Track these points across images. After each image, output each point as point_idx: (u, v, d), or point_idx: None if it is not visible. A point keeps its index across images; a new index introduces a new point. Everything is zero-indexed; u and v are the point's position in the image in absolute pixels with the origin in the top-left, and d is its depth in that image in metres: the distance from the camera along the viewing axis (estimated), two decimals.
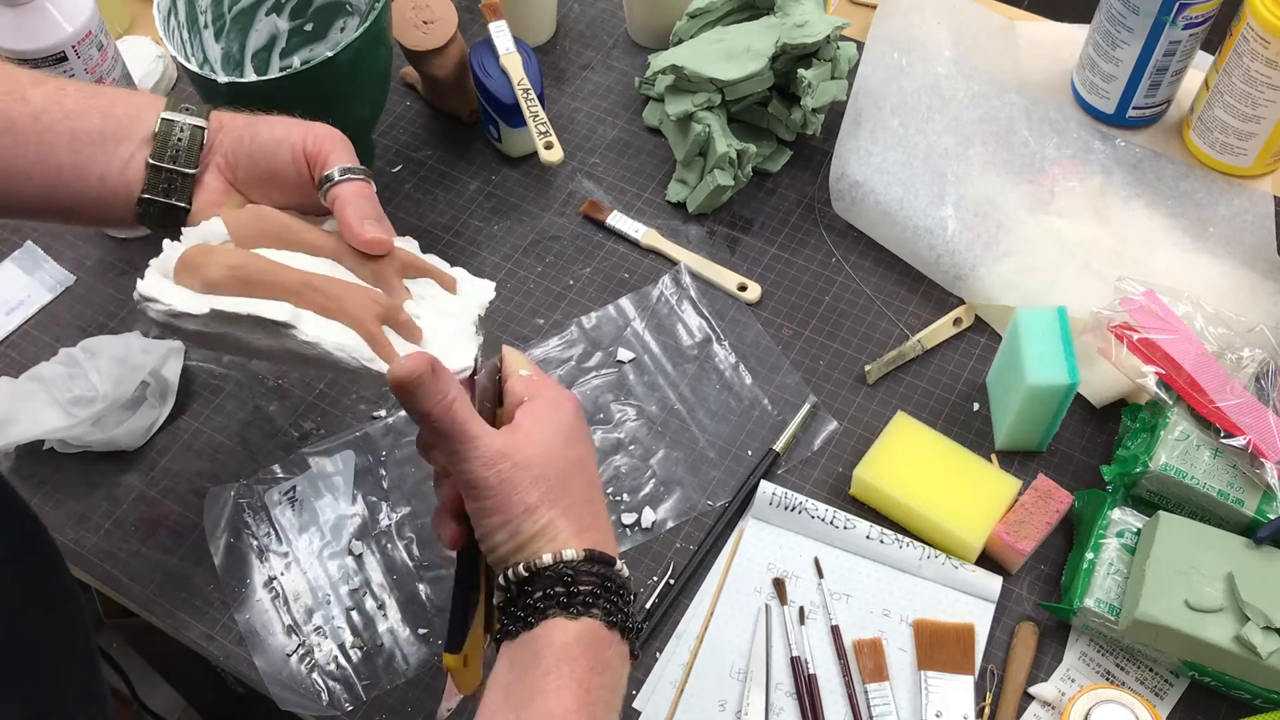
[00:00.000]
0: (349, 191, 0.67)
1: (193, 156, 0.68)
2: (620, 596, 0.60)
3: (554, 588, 0.58)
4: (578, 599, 0.58)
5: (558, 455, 0.61)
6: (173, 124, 0.68)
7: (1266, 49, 0.90)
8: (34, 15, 0.83)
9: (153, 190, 0.68)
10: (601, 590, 0.59)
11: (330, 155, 0.68)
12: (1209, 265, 0.94)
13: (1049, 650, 0.79)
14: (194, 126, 0.68)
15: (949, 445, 0.84)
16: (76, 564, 0.85)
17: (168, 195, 0.68)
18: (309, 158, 0.68)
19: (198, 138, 0.68)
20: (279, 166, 0.68)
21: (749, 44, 0.97)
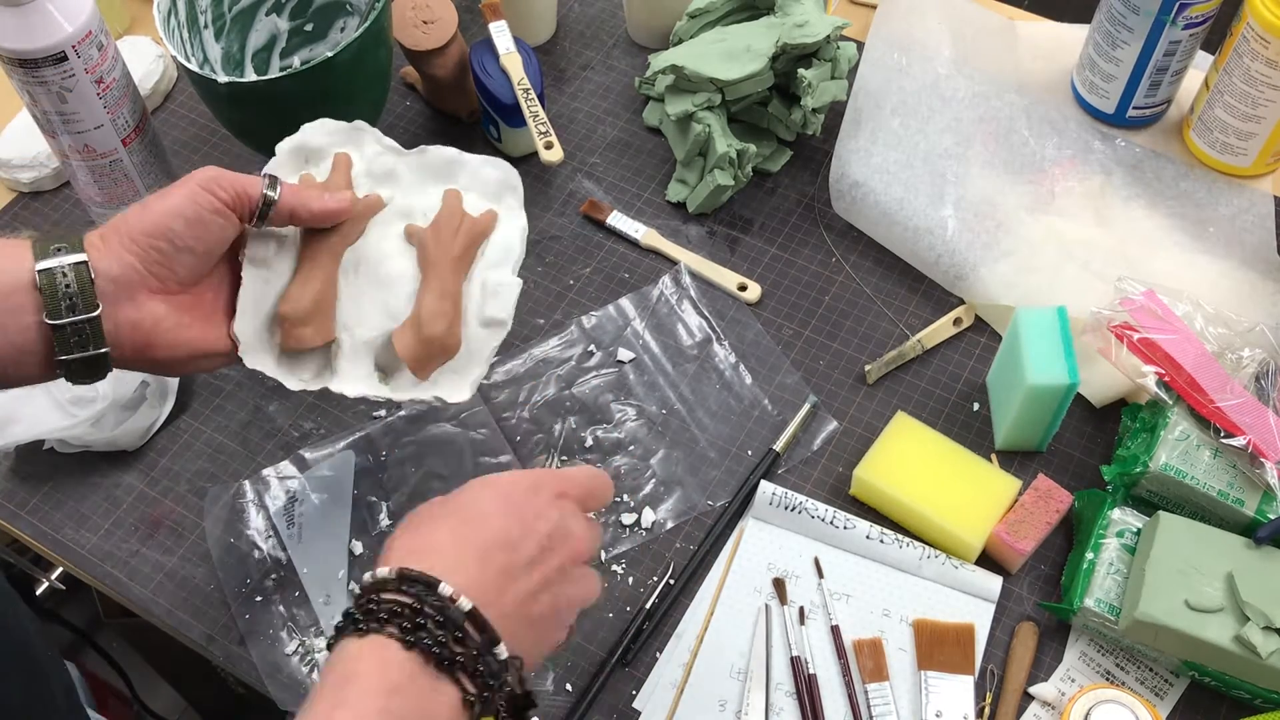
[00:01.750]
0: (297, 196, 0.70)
1: (89, 297, 0.62)
2: (437, 623, 0.52)
3: (355, 607, 0.54)
4: (371, 616, 0.52)
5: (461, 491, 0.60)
6: (51, 272, 0.62)
7: (1266, 49, 0.90)
8: (34, 15, 0.83)
9: (65, 349, 0.62)
10: (408, 609, 0.52)
11: (246, 187, 0.67)
12: (1209, 265, 0.94)
13: (1049, 650, 0.79)
14: (75, 264, 0.62)
15: (949, 445, 0.84)
16: (76, 564, 0.85)
17: (83, 347, 0.63)
18: (231, 205, 0.66)
19: (84, 275, 0.62)
20: (214, 232, 0.66)
21: (749, 44, 0.98)
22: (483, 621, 0.54)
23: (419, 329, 0.71)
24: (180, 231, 0.65)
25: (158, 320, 0.65)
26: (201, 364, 0.70)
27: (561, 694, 0.78)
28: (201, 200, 0.65)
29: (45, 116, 0.89)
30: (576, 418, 0.90)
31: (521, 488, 0.60)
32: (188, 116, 1.09)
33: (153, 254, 0.65)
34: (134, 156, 0.94)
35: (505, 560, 0.57)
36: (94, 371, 0.64)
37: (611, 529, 0.84)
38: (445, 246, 0.74)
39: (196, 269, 0.68)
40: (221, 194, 0.66)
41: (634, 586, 0.82)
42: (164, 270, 0.65)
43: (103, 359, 0.64)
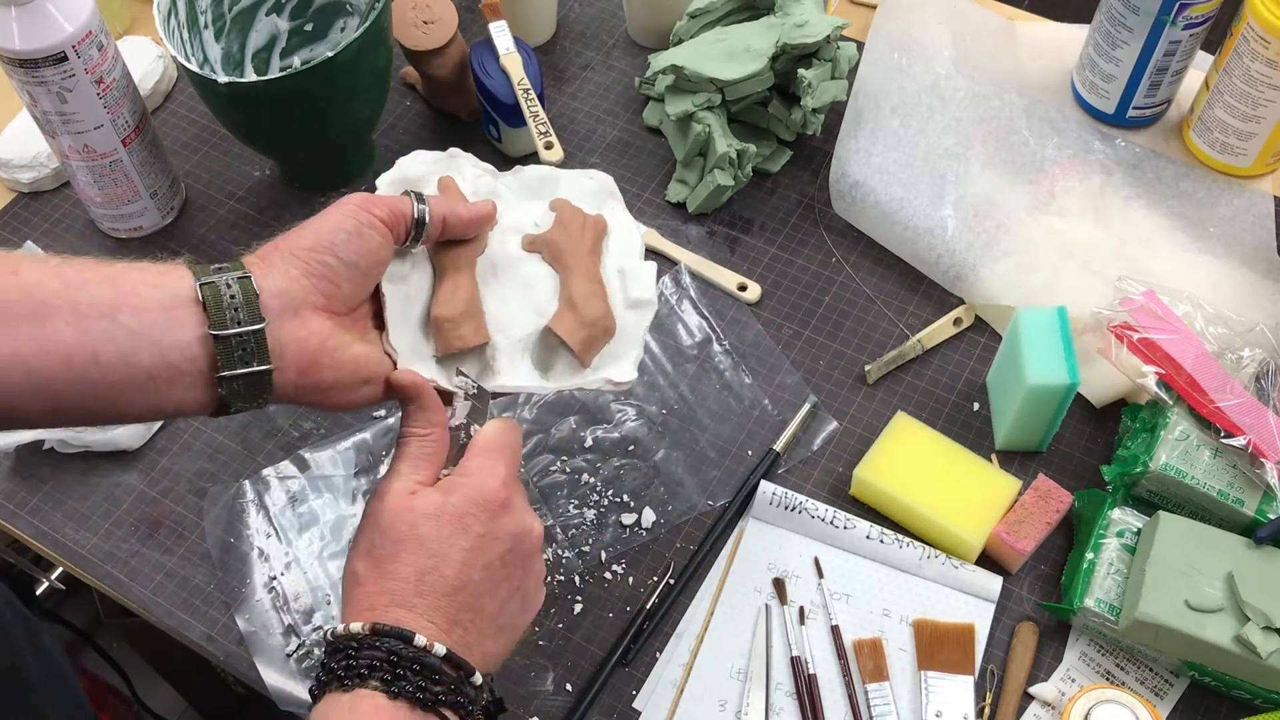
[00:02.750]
0: (444, 206, 0.68)
1: (254, 309, 0.59)
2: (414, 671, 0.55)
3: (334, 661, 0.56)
4: (352, 672, 0.55)
5: (406, 523, 0.59)
6: (214, 284, 0.59)
7: (1266, 49, 0.90)
8: (34, 15, 0.83)
9: (229, 363, 0.58)
10: (385, 663, 0.55)
11: (401, 206, 0.66)
12: (1209, 265, 0.94)
13: (1049, 650, 0.79)
14: (239, 278, 0.59)
15: (949, 445, 0.84)
16: (77, 564, 0.85)
17: (247, 363, 0.59)
18: (389, 224, 0.65)
19: (249, 288, 0.59)
20: (374, 249, 0.64)
21: (749, 44, 0.98)
22: (458, 659, 0.57)
23: (578, 313, 0.71)
24: (344, 245, 0.62)
25: (324, 337, 0.62)
26: (365, 391, 0.65)
27: (561, 694, 0.78)
28: (361, 217, 0.64)
29: (45, 116, 0.89)
30: (576, 418, 0.90)
31: (474, 516, 0.60)
32: (188, 116, 1.09)
33: (318, 268, 0.62)
34: (134, 156, 0.94)
35: (468, 597, 0.59)
36: (255, 393, 0.60)
37: (611, 529, 0.85)
38: (576, 240, 0.73)
39: (360, 288, 0.65)
40: (378, 211, 0.65)
41: (634, 586, 0.82)
42: (330, 286, 0.62)
43: (266, 378, 0.60)
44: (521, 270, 0.73)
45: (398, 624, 0.56)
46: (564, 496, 0.86)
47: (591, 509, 0.85)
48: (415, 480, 0.62)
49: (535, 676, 0.79)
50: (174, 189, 1.01)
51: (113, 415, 0.58)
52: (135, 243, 1.01)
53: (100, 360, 0.56)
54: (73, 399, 0.57)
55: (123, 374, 0.57)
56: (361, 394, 0.65)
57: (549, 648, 0.80)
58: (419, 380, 0.64)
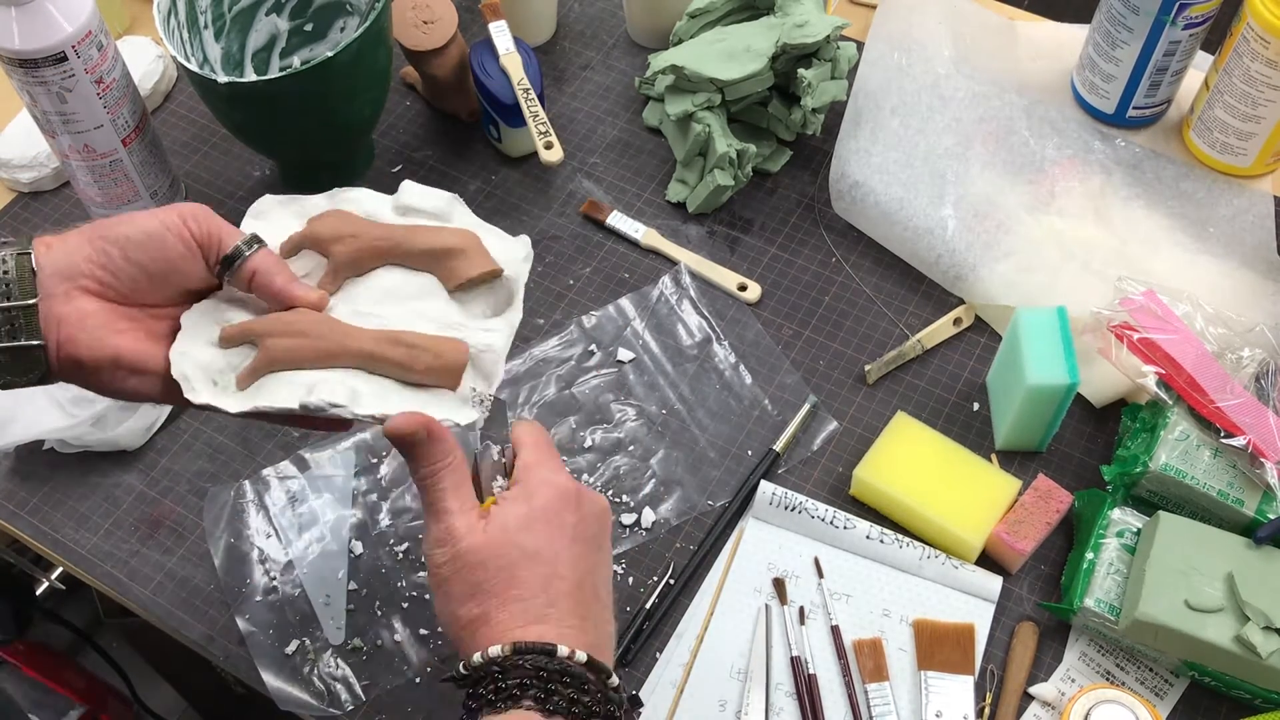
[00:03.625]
0: (268, 261, 0.66)
1: (26, 286, 0.60)
2: (565, 684, 0.56)
3: (482, 687, 0.56)
4: (504, 694, 0.55)
5: (506, 545, 0.59)
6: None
7: (1266, 49, 0.90)
8: (34, 15, 0.83)
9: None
10: (535, 680, 0.55)
11: (222, 232, 0.65)
12: (1209, 265, 0.94)
13: (1049, 650, 0.79)
14: (17, 254, 0.61)
15: (949, 445, 0.84)
16: (76, 564, 0.85)
17: (13, 337, 0.60)
18: (199, 241, 0.65)
19: (25, 264, 0.60)
20: (172, 257, 0.64)
21: (749, 44, 0.98)
22: (598, 664, 0.57)
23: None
24: (135, 241, 0.63)
25: (85, 315, 0.62)
26: (129, 381, 0.65)
27: None
28: (170, 223, 0.64)
29: (45, 116, 0.89)
30: (576, 418, 0.90)
31: (561, 509, 0.61)
32: (188, 116, 1.09)
33: (100, 255, 0.63)
34: (134, 156, 0.94)
35: (589, 588, 0.61)
36: (27, 368, 0.62)
37: (611, 529, 0.84)
38: None
39: (142, 288, 0.65)
40: (192, 225, 0.64)
41: (634, 586, 0.82)
42: (105, 274, 0.63)
43: (35, 354, 0.61)
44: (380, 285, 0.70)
45: (539, 639, 0.57)
46: None
47: None
48: (472, 511, 0.61)
49: None
50: (174, 189, 1.01)
51: None
52: None
53: None
54: None
55: None
56: (129, 384, 0.65)
57: None
58: (419, 419, 0.62)
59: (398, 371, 0.66)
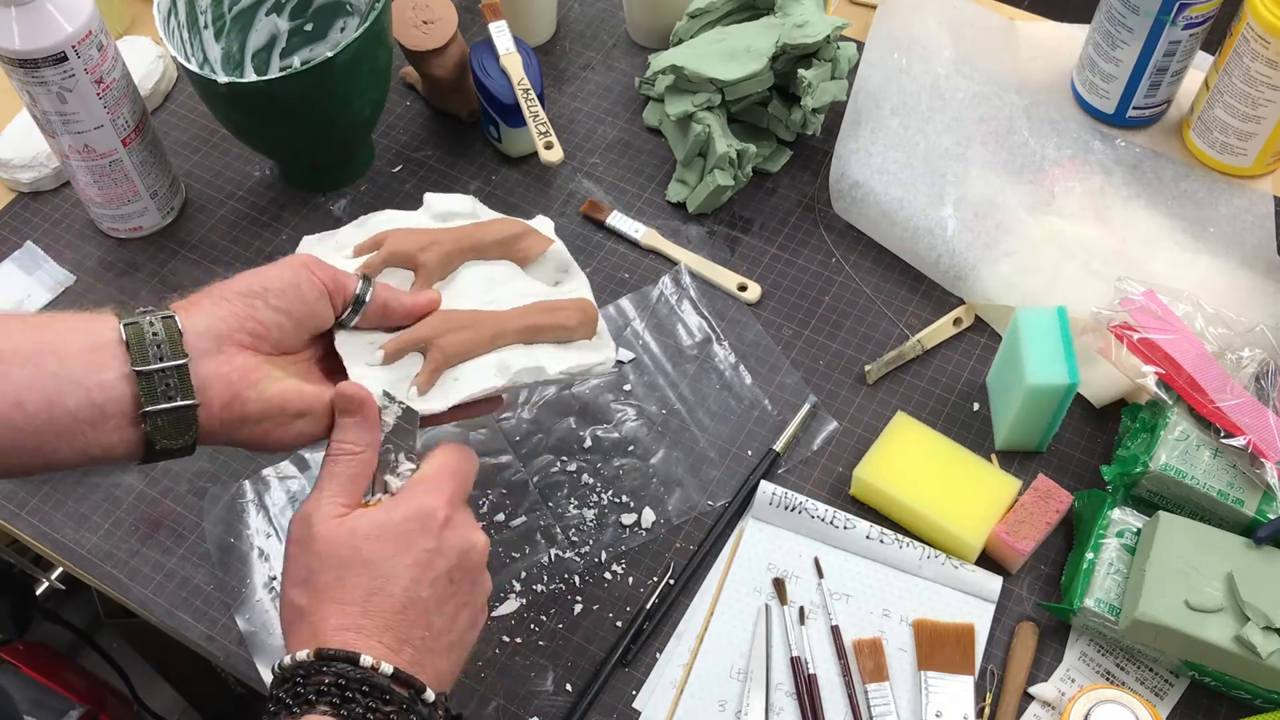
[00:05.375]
0: (388, 289, 0.69)
1: (176, 346, 0.60)
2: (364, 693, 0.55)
3: (282, 690, 0.56)
4: (300, 699, 0.55)
5: (346, 546, 0.59)
6: (138, 324, 0.60)
7: (1266, 49, 0.90)
8: (34, 15, 0.83)
9: (152, 399, 0.59)
10: (334, 687, 0.54)
11: (340, 276, 0.67)
12: (1209, 265, 0.94)
13: (1049, 650, 0.79)
14: (163, 317, 0.61)
15: (949, 445, 0.84)
16: (76, 564, 0.85)
17: (169, 398, 0.60)
18: (328, 286, 0.66)
19: (172, 326, 0.61)
20: (310, 302, 0.65)
21: (749, 44, 0.98)
22: (406, 677, 0.56)
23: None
24: (276, 292, 0.64)
25: (247, 370, 0.62)
26: (298, 426, 0.65)
27: (561, 694, 0.78)
28: (302, 273, 0.65)
29: (45, 116, 0.89)
30: (576, 418, 0.90)
31: (417, 531, 0.60)
32: (188, 117, 1.09)
33: (245, 310, 0.63)
34: (134, 156, 0.94)
35: (417, 614, 0.59)
36: (181, 430, 0.61)
37: (611, 529, 0.85)
38: None
39: (288, 337, 0.65)
40: (320, 273, 0.66)
41: (634, 586, 0.82)
42: (257, 327, 0.63)
43: (190, 414, 0.60)
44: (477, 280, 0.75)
45: (344, 646, 0.56)
46: (564, 496, 0.86)
47: (591, 509, 0.85)
48: (340, 504, 0.61)
49: (535, 676, 0.79)
50: (174, 189, 1.01)
51: (40, 464, 0.59)
52: (135, 242, 1.01)
53: (25, 407, 0.57)
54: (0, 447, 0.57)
55: (47, 419, 0.57)
56: (294, 428, 0.65)
57: (549, 648, 0.80)
58: (365, 395, 0.64)
59: (559, 334, 0.74)
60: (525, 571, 0.83)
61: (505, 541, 0.84)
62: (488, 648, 0.80)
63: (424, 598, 0.59)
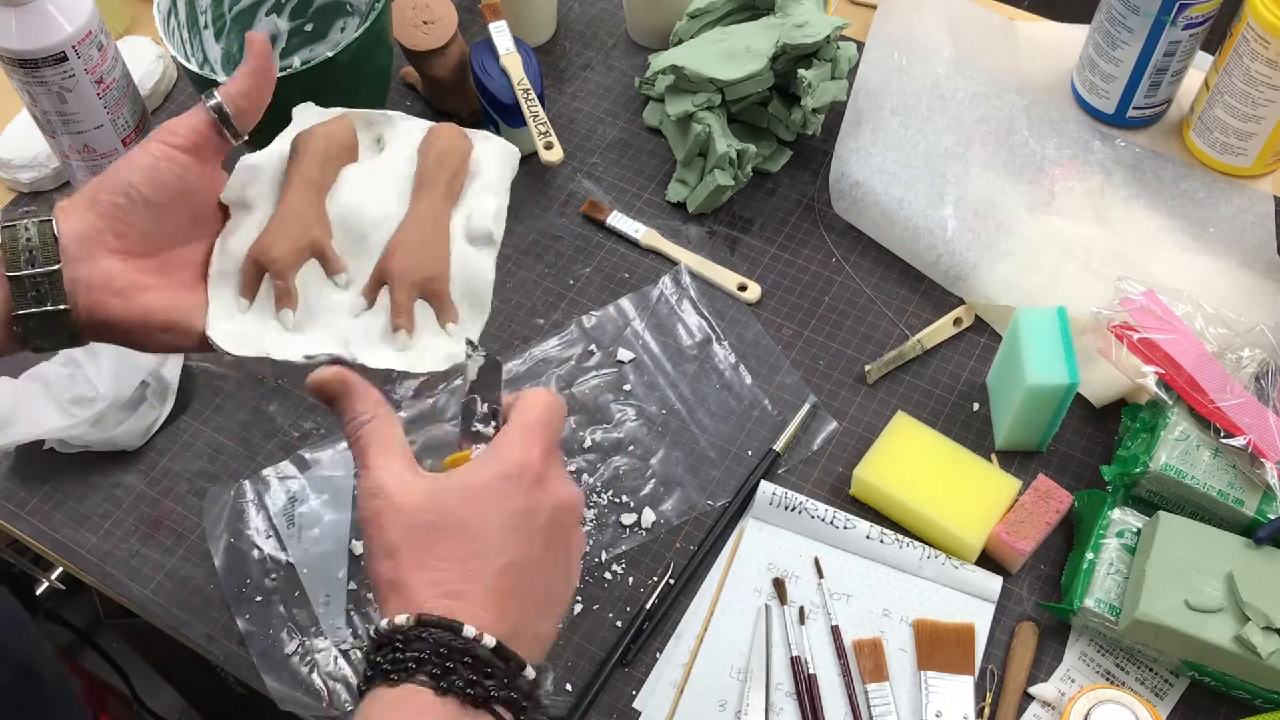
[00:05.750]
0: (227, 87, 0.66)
1: (50, 252, 0.61)
2: (465, 664, 0.53)
3: (380, 655, 0.53)
4: (399, 665, 0.52)
5: (435, 511, 0.56)
6: (14, 227, 0.61)
7: (1266, 49, 0.90)
8: (34, 15, 0.83)
9: (23, 303, 0.61)
10: (434, 656, 0.52)
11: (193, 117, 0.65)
12: (1209, 265, 0.94)
13: (1049, 650, 0.79)
14: (39, 222, 0.62)
15: (949, 445, 0.84)
16: (76, 564, 0.85)
17: (40, 303, 0.62)
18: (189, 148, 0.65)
19: (47, 231, 0.61)
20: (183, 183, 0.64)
21: (749, 44, 0.98)
22: (508, 652, 0.54)
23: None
24: (136, 183, 0.63)
25: (110, 278, 0.63)
26: (161, 337, 0.65)
27: (561, 694, 0.78)
28: (155, 150, 0.64)
29: (45, 116, 0.89)
30: (576, 418, 0.90)
31: (509, 489, 0.58)
32: None
33: (109, 209, 0.63)
34: None
35: (518, 577, 0.56)
36: (53, 333, 0.63)
37: (611, 529, 0.85)
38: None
39: (163, 224, 0.65)
40: (174, 140, 0.65)
41: (634, 586, 0.82)
42: (123, 226, 0.63)
43: (63, 318, 0.62)
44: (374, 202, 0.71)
45: (447, 614, 0.53)
46: None
47: (591, 509, 0.85)
48: (404, 468, 0.58)
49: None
50: None
51: None
52: None
53: None
54: None
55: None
56: (161, 339, 0.65)
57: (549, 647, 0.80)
58: (339, 374, 0.61)
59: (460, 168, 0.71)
60: None
61: None
62: None
63: (521, 559, 0.57)
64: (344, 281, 0.69)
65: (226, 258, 0.68)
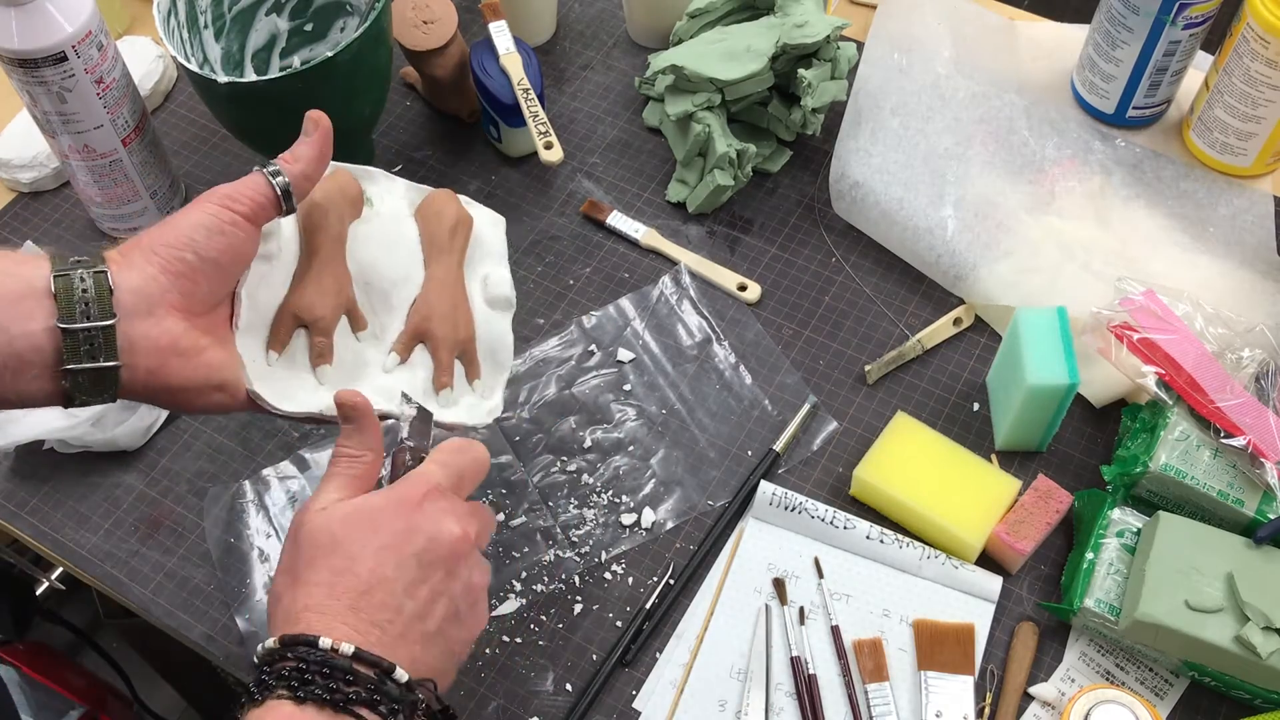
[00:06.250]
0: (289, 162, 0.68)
1: (105, 305, 0.59)
2: (324, 674, 0.54)
3: (251, 681, 0.56)
4: (262, 686, 0.54)
5: (322, 531, 0.59)
6: (68, 276, 0.59)
7: (1266, 49, 0.90)
8: (34, 15, 0.83)
9: (75, 357, 0.59)
10: (294, 671, 0.54)
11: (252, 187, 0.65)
12: (1209, 265, 0.94)
13: (1049, 650, 0.79)
14: (95, 272, 0.60)
15: (949, 445, 0.84)
16: (76, 564, 0.85)
17: (93, 358, 0.59)
18: (249, 215, 0.65)
19: (102, 282, 0.60)
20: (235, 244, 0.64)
21: (749, 44, 0.98)
22: (371, 658, 0.55)
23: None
24: (204, 242, 0.63)
25: (176, 338, 0.62)
26: (216, 398, 0.66)
27: (561, 694, 0.78)
28: (222, 215, 0.64)
29: (45, 116, 0.89)
30: (576, 418, 0.90)
31: (388, 513, 0.60)
32: (188, 116, 1.09)
33: (177, 265, 0.62)
34: (134, 156, 0.94)
35: (384, 596, 0.58)
36: (101, 388, 0.61)
37: (611, 529, 0.85)
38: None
39: (220, 285, 0.65)
40: (239, 207, 0.64)
41: (634, 586, 0.82)
42: (188, 284, 0.63)
43: (112, 374, 0.60)
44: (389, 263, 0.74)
45: (307, 629, 0.55)
46: (564, 496, 0.86)
47: (591, 509, 0.85)
48: (335, 500, 0.61)
49: (535, 676, 0.79)
50: (174, 189, 1.01)
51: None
52: None
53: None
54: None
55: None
56: (213, 399, 0.65)
57: (549, 648, 0.80)
58: (360, 401, 0.63)
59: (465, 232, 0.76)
60: (525, 571, 0.83)
61: (505, 541, 0.84)
62: (488, 648, 0.80)
63: (390, 578, 0.58)
64: (366, 337, 0.73)
65: (255, 311, 0.68)
